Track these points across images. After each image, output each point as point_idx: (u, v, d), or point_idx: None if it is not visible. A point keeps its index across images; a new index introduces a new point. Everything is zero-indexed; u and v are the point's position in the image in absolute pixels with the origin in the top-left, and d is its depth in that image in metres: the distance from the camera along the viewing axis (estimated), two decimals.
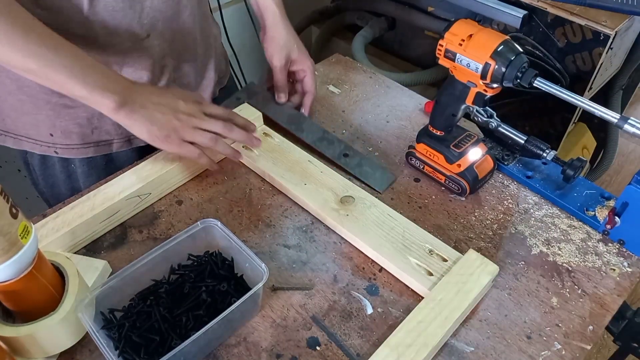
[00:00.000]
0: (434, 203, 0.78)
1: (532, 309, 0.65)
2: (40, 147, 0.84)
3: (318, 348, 0.60)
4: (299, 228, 0.74)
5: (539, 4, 1.31)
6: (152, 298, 0.61)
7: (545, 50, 1.34)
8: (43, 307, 0.56)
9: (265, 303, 0.64)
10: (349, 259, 0.70)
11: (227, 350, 0.60)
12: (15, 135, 0.84)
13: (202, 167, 0.80)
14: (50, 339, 0.56)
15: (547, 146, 0.78)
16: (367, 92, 1.00)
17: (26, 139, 0.83)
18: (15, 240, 0.50)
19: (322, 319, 0.63)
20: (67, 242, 0.68)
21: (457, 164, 0.76)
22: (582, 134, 1.64)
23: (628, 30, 1.34)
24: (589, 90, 1.37)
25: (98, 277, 0.65)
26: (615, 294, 0.67)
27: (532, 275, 0.69)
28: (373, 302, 0.65)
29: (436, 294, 0.62)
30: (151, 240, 0.72)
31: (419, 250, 0.68)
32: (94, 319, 0.58)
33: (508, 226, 0.75)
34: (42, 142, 0.83)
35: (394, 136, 0.90)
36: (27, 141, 0.84)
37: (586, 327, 0.63)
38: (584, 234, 0.74)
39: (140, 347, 0.57)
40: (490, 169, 0.79)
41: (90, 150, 0.85)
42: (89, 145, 0.84)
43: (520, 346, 0.61)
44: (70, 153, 0.84)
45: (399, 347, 0.57)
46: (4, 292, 0.53)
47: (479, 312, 0.64)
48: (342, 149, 0.84)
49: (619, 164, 2.21)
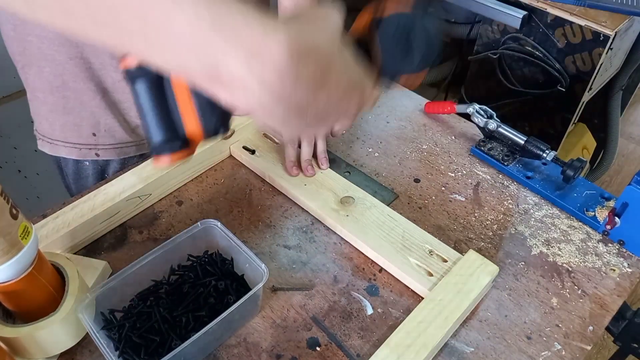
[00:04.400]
0: (433, 203, 0.78)
1: (532, 310, 0.65)
2: (79, 152, 0.82)
3: (318, 348, 0.60)
4: (299, 228, 0.74)
5: (538, 5, 1.31)
6: (152, 299, 0.61)
7: (545, 50, 1.34)
8: (43, 307, 0.56)
9: (265, 303, 0.64)
10: (349, 259, 0.70)
11: (227, 350, 0.60)
12: (52, 140, 0.82)
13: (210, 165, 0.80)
14: (50, 340, 0.56)
15: (547, 147, 0.78)
16: None
17: (63, 143, 0.82)
18: (15, 241, 0.50)
19: (322, 319, 0.63)
20: (67, 242, 0.68)
21: None
22: (582, 134, 1.64)
23: (628, 30, 1.34)
24: (589, 90, 1.37)
25: (98, 277, 0.65)
26: (615, 294, 0.67)
27: (532, 275, 0.69)
28: (373, 302, 0.65)
29: (436, 295, 0.62)
30: (151, 240, 0.72)
31: (419, 250, 0.68)
32: (94, 319, 0.58)
33: (508, 226, 0.75)
34: (82, 145, 0.82)
35: (394, 136, 0.90)
36: (65, 146, 0.82)
37: (586, 328, 0.63)
38: (584, 234, 0.74)
39: (141, 347, 0.57)
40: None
41: (132, 149, 0.84)
42: (131, 144, 0.83)
43: (520, 347, 0.61)
44: (112, 154, 0.83)
45: (399, 348, 0.57)
46: (4, 292, 0.53)
47: (479, 312, 0.64)
48: (344, 168, 0.83)
49: (619, 165, 2.21)
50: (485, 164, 0.85)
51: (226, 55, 0.30)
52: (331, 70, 0.35)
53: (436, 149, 0.88)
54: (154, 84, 0.36)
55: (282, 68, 0.31)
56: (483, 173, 0.83)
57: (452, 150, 0.87)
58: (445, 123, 0.93)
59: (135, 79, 0.36)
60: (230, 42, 0.30)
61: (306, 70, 0.33)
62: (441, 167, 0.84)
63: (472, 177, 0.83)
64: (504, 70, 1.45)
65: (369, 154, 0.86)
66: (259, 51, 0.30)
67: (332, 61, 0.35)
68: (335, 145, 0.88)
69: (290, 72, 0.32)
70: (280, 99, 0.33)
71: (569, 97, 1.38)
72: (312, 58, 0.33)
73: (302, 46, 0.32)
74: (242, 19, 0.30)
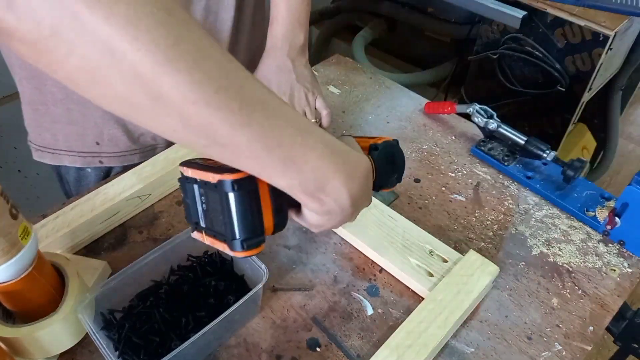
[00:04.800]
0: (434, 204, 0.78)
1: (533, 310, 0.65)
2: (83, 160, 0.82)
3: (318, 349, 0.60)
4: (299, 228, 0.74)
5: (538, 5, 1.31)
6: (152, 299, 0.61)
7: (545, 50, 1.34)
8: (43, 307, 0.55)
9: (265, 304, 0.64)
10: (349, 259, 0.70)
11: (227, 351, 0.60)
12: (54, 150, 0.82)
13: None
14: (50, 340, 0.56)
15: (547, 147, 0.78)
16: (367, 93, 1.00)
17: (66, 152, 0.82)
18: (15, 241, 0.49)
19: (323, 319, 0.63)
20: (67, 242, 0.68)
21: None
22: (582, 134, 1.64)
23: (627, 30, 1.34)
24: (589, 90, 1.37)
25: (98, 277, 0.65)
26: (615, 294, 0.67)
27: (533, 275, 0.69)
28: (373, 302, 0.65)
29: (436, 295, 0.62)
30: (151, 241, 0.72)
31: (419, 250, 0.68)
32: (94, 319, 0.58)
33: (508, 227, 0.75)
34: (86, 153, 0.82)
35: (394, 137, 0.90)
36: (68, 155, 0.82)
37: (586, 328, 0.63)
38: (584, 234, 0.74)
39: (140, 348, 0.57)
40: None
41: (135, 157, 0.84)
42: (134, 152, 0.84)
43: (521, 347, 0.61)
44: (116, 161, 0.83)
45: (399, 348, 0.57)
46: (4, 292, 0.53)
47: (480, 312, 0.64)
48: None
49: (619, 165, 2.21)
50: (486, 164, 0.85)
51: (333, 179, 0.41)
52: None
53: (436, 149, 0.88)
54: (251, 192, 0.43)
55: (363, 183, 0.44)
56: (483, 173, 0.83)
57: (453, 150, 0.87)
58: (446, 123, 0.93)
59: (236, 188, 0.41)
60: (339, 168, 0.42)
61: (369, 182, 0.47)
62: (441, 167, 0.84)
63: (472, 177, 0.83)
64: (504, 70, 1.45)
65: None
66: (352, 174, 0.43)
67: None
68: None
69: (368, 186, 0.46)
70: (354, 205, 0.44)
71: (569, 97, 1.38)
72: (370, 174, 0.47)
73: (369, 166, 0.46)
74: (345, 151, 0.43)
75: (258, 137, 0.36)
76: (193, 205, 0.47)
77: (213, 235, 0.46)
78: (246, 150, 0.36)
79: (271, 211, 0.44)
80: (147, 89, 0.31)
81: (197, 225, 0.48)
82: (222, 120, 0.34)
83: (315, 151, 0.40)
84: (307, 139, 0.39)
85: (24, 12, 0.27)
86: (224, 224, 0.44)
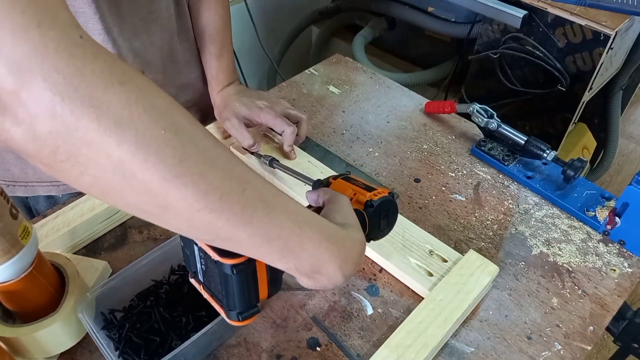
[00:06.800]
0: (434, 203, 0.78)
1: (533, 310, 0.65)
2: (57, 188, 0.81)
3: (318, 349, 0.60)
4: None
5: (539, 4, 1.31)
6: (152, 298, 0.61)
7: (545, 50, 1.34)
8: (43, 307, 0.56)
9: (265, 303, 0.64)
10: None
11: (227, 350, 0.60)
12: (26, 182, 0.80)
13: None
14: (50, 340, 0.56)
15: (547, 146, 0.78)
16: (368, 92, 1.00)
17: (39, 183, 0.80)
18: (15, 241, 0.50)
19: (323, 319, 0.63)
20: (67, 242, 0.68)
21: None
22: (582, 134, 1.64)
23: (628, 30, 1.34)
24: (589, 90, 1.37)
25: (98, 277, 0.65)
26: (615, 294, 0.67)
27: (533, 275, 0.69)
28: (373, 302, 0.65)
29: (436, 295, 0.62)
30: (151, 240, 0.72)
31: (419, 250, 0.68)
32: (94, 319, 0.58)
33: (508, 226, 0.75)
34: (60, 182, 0.79)
35: (394, 136, 0.90)
36: (41, 185, 0.80)
37: (586, 328, 0.63)
38: (585, 234, 0.74)
39: (141, 347, 0.57)
40: None
41: None
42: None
43: (521, 347, 0.61)
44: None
45: (399, 348, 0.57)
46: (5, 292, 0.53)
47: (479, 312, 0.64)
48: (344, 168, 0.84)
49: (619, 164, 2.21)
50: (486, 164, 0.85)
51: (329, 263, 0.44)
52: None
53: (436, 148, 0.88)
54: (249, 274, 0.45)
55: (357, 262, 0.47)
56: (483, 173, 0.83)
57: (453, 150, 0.87)
58: (446, 123, 0.93)
59: (235, 272, 0.44)
60: (334, 254, 0.44)
61: (362, 257, 0.49)
62: (441, 167, 0.84)
63: (472, 177, 0.83)
64: (504, 70, 1.45)
65: (369, 154, 0.86)
66: (347, 258, 0.45)
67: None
68: (336, 145, 0.88)
69: (360, 260, 0.48)
70: (347, 279, 0.48)
71: (569, 96, 1.38)
72: (364, 250, 0.49)
73: (364, 247, 0.49)
74: (341, 237, 0.45)
75: (259, 232, 0.39)
76: (192, 259, 0.49)
77: (210, 294, 0.49)
78: (247, 243, 0.39)
79: (267, 283, 0.47)
80: (155, 201, 0.34)
81: (195, 274, 0.51)
82: (225, 221, 0.37)
83: (312, 240, 0.42)
84: (304, 229, 0.42)
85: (45, 141, 0.30)
86: (221, 293, 0.47)
